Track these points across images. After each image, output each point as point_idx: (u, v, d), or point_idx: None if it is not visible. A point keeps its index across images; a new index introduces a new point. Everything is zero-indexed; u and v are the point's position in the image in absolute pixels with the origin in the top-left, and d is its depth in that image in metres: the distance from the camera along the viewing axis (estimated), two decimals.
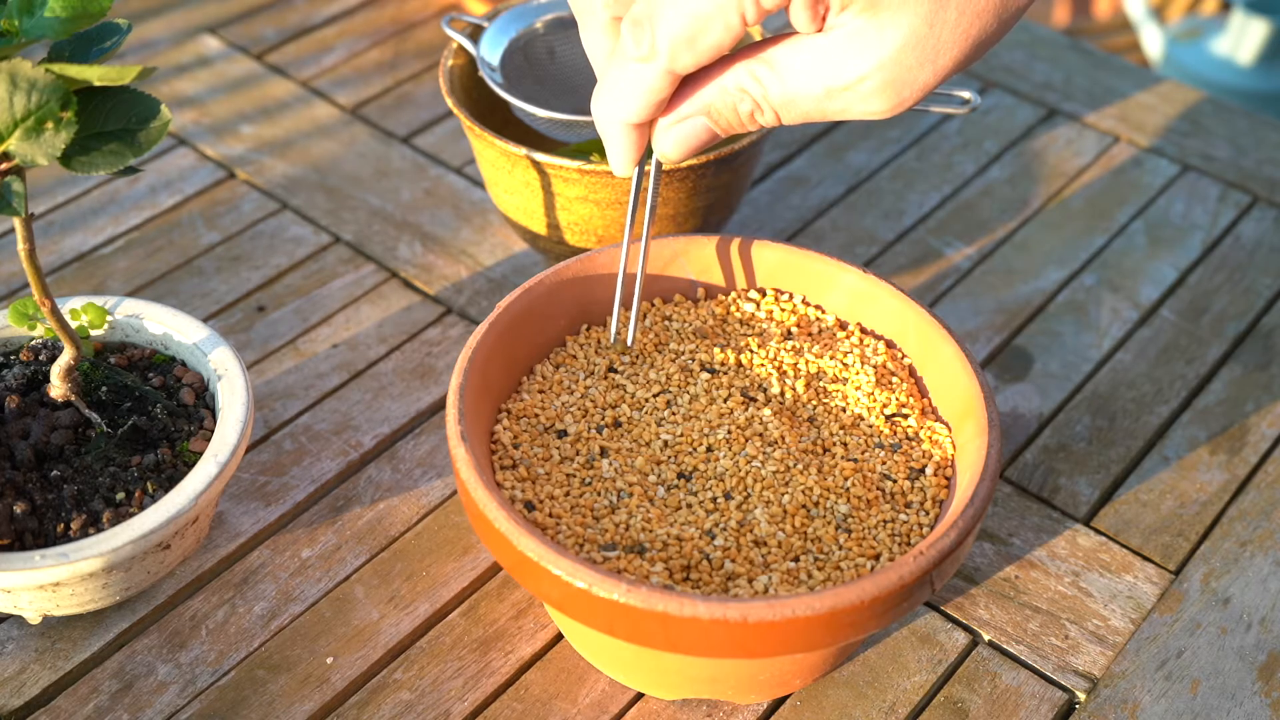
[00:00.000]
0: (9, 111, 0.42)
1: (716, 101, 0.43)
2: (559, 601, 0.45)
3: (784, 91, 0.42)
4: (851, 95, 0.41)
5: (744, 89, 0.42)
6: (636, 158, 0.46)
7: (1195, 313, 0.69)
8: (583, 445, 0.51)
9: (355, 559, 0.56)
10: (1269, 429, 0.63)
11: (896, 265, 0.72)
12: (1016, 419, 0.63)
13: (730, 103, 0.43)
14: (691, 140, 0.45)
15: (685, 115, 0.44)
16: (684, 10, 0.40)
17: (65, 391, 0.53)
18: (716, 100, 0.43)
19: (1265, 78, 1.72)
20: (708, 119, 0.44)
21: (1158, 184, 0.78)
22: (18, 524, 0.49)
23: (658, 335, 0.55)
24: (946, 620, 0.55)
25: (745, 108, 0.43)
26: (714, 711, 0.51)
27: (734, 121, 0.44)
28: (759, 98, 0.42)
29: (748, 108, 0.43)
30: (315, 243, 0.72)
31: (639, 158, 0.46)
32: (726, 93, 0.43)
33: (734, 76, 0.42)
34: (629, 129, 0.45)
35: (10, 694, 0.51)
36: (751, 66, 0.42)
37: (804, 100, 0.42)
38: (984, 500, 0.46)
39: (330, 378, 0.64)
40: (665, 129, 0.44)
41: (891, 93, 0.40)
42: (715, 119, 0.44)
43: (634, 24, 0.41)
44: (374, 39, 0.87)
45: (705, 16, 0.40)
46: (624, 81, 0.43)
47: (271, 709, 0.51)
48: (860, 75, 0.40)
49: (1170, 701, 0.52)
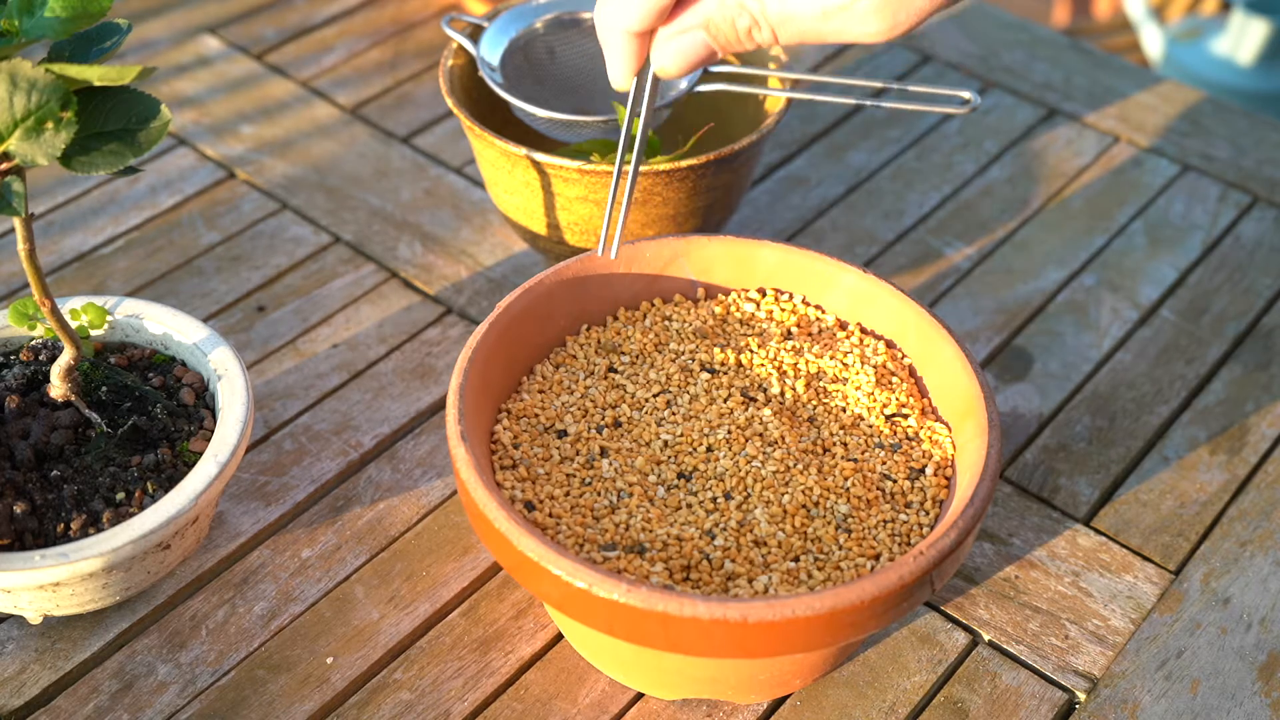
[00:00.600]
0: (9, 111, 0.42)
1: (715, 15, 0.43)
2: (559, 601, 0.45)
3: (780, 8, 0.42)
4: (848, 15, 0.41)
5: (742, 4, 0.43)
6: (635, 68, 0.46)
7: (1195, 313, 0.69)
8: (583, 445, 0.51)
9: (355, 559, 0.56)
10: (1269, 429, 0.63)
11: (896, 265, 0.72)
12: (1016, 419, 0.63)
13: (729, 16, 0.43)
14: (690, 54, 0.45)
15: (685, 27, 0.44)
16: None
17: (65, 391, 0.53)
18: (715, 13, 0.43)
19: (1265, 78, 1.72)
20: (706, 33, 0.44)
21: (1158, 184, 0.78)
22: (18, 524, 0.49)
23: (658, 335, 0.55)
24: (946, 620, 0.55)
25: (743, 23, 0.43)
26: (714, 711, 0.51)
27: (731, 37, 0.44)
28: (757, 13, 0.43)
29: (745, 23, 0.43)
30: (315, 243, 0.72)
31: (638, 68, 0.46)
32: (725, 6, 0.43)
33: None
34: (629, 37, 0.45)
35: (10, 694, 0.51)
36: None
37: (800, 18, 0.42)
38: (984, 500, 0.46)
39: (330, 378, 0.64)
40: (665, 40, 0.45)
41: (887, 13, 0.41)
42: (714, 33, 0.44)
43: None
44: (374, 39, 0.87)
45: None
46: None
47: (271, 709, 0.51)
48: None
49: (1170, 701, 0.52)
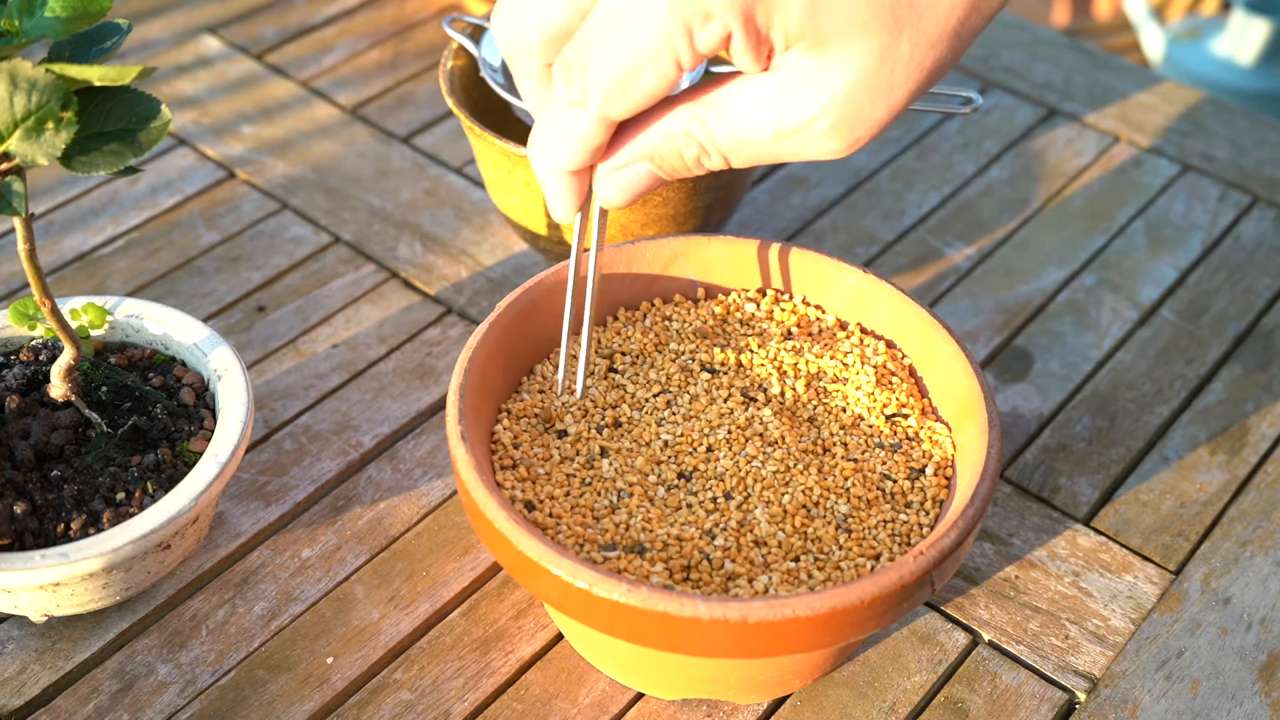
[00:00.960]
0: (9, 111, 0.42)
1: (660, 146, 0.41)
2: (559, 601, 0.45)
3: (731, 135, 0.39)
4: (803, 137, 0.39)
5: (688, 133, 0.40)
6: (578, 205, 0.44)
7: (1195, 313, 0.69)
8: (583, 445, 0.51)
9: (355, 559, 0.56)
10: (1269, 429, 0.63)
11: (896, 265, 0.72)
12: (1016, 419, 0.63)
13: (674, 148, 0.40)
14: (635, 186, 0.42)
15: (627, 161, 0.41)
16: (616, 55, 0.37)
17: (65, 391, 0.53)
18: (660, 145, 0.41)
19: (1266, 78, 1.72)
20: (651, 164, 0.41)
21: (1158, 184, 0.78)
22: (18, 524, 0.49)
23: (658, 335, 0.55)
24: (946, 620, 0.55)
25: (691, 152, 0.40)
26: (714, 711, 0.51)
27: (679, 166, 0.41)
28: (705, 141, 0.40)
29: (693, 152, 0.40)
30: (315, 243, 0.72)
31: (580, 204, 0.44)
32: (670, 137, 0.40)
33: (677, 120, 0.40)
34: (567, 176, 0.43)
35: (10, 694, 0.51)
36: (695, 110, 0.40)
37: (752, 144, 0.39)
38: (984, 500, 0.46)
39: (330, 378, 0.64)
40: (606, 175, 0.42)
41: (845, 131, 0.38)
42: (659, 164, 0.41)
43: (565, 68, 0.39)
44: (374, 39, 0.87)
45: (638, 62, 0.37)
46: (558, 128, 0.41)
47: (271, 709, 0.51)
48: (811, 116, 0.38)
49: (1170, 701, 0.52)
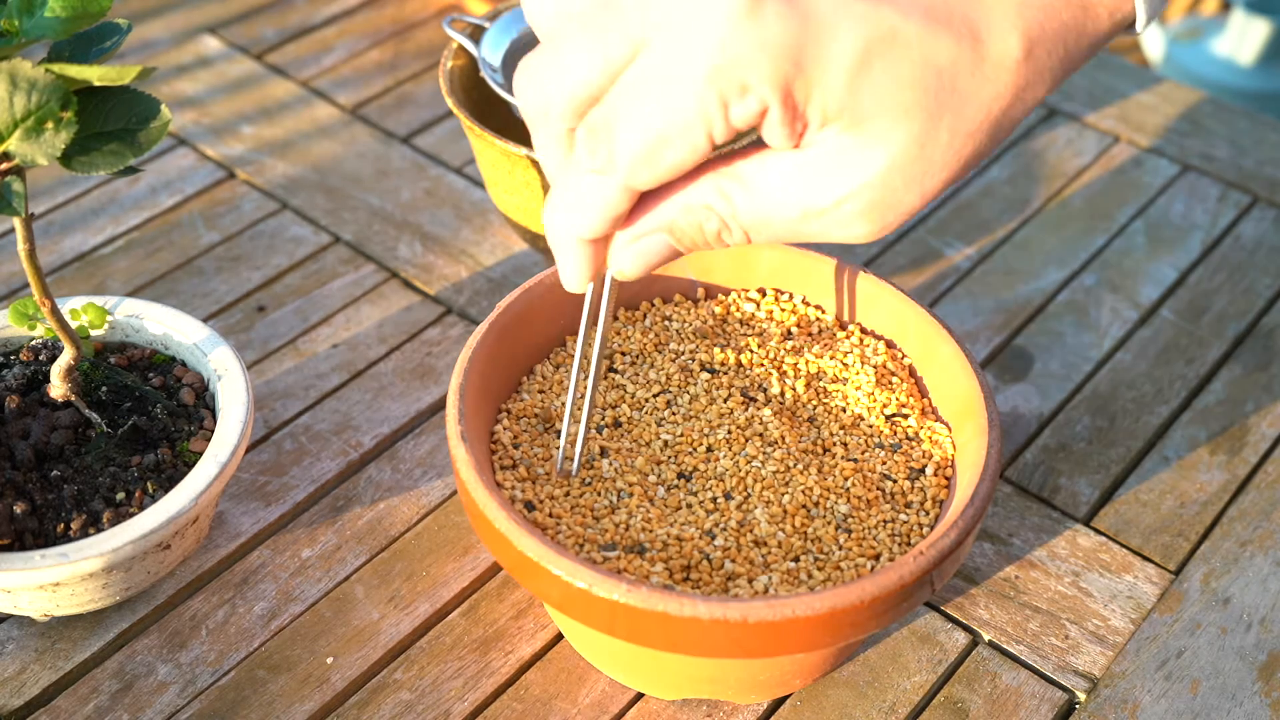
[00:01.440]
0: (9, 111, 0.42)
1: (680, 219, 0.39)
2: (559, 601, 0.45)
3: (755, 211, 0.38)
4: (830, 218, 0.37)
5: (711, 207, 0.38)
6: (591, 274, 0.41)
7: (1195, 313, 0.69)
8: (583, 445, 0.51)
9: (355, 559, 0.56)
10: (1269, 429, 0.63)
11: (896, 265, 0.72)
12: (1016, 419, 0.63)
13: (695, 221, 0.39)
14: (651, 258, 0.40)
15: (645, 232, 0.39)
16: (646, 124, 0.35)
17: (65, 391, 0.53)
18: (680, 218, 0.39)
19: (1266, 78, 1.72)
20: (669, 236, 0.39)
21: (1158, 184, 0.78)
22: (18, 524, 0.49)
23: (658, 335, 0.55)
24: (946, 620, 0.55)
25: (712, 227, 0.39)
26: (714, 711, 0.51)
27: (698, 240, 0.39)
28: (727, 216, 0.38)
29: (714, 227, 0.39)
30: (315, 243, 0.72)
31: (594, 274, 0.41)
32: (691, 210, 0.38)
33: (700, 193, 0.38)
34: (583, 244, 0.40)
35: (10, 694, 0.51)
36: (720, 182, 0.38)
37: (777, 221, 0.38)
38: (984, 500, 0.46)
39: (330, 378, 0.64)
40: (623, 246, 0.40)
41: (875, 216, 0.37)
42: (678, 237, 0.39)
43: (591, 133, 0.36)
44: (374, 39, 0.87)
45: (668, 133, 0.35)
46: (578, 194, 0.38)
47: (271, 709, 0.51)
48: (841, 198, 0.37)
49: (1170, 701, 0.52)
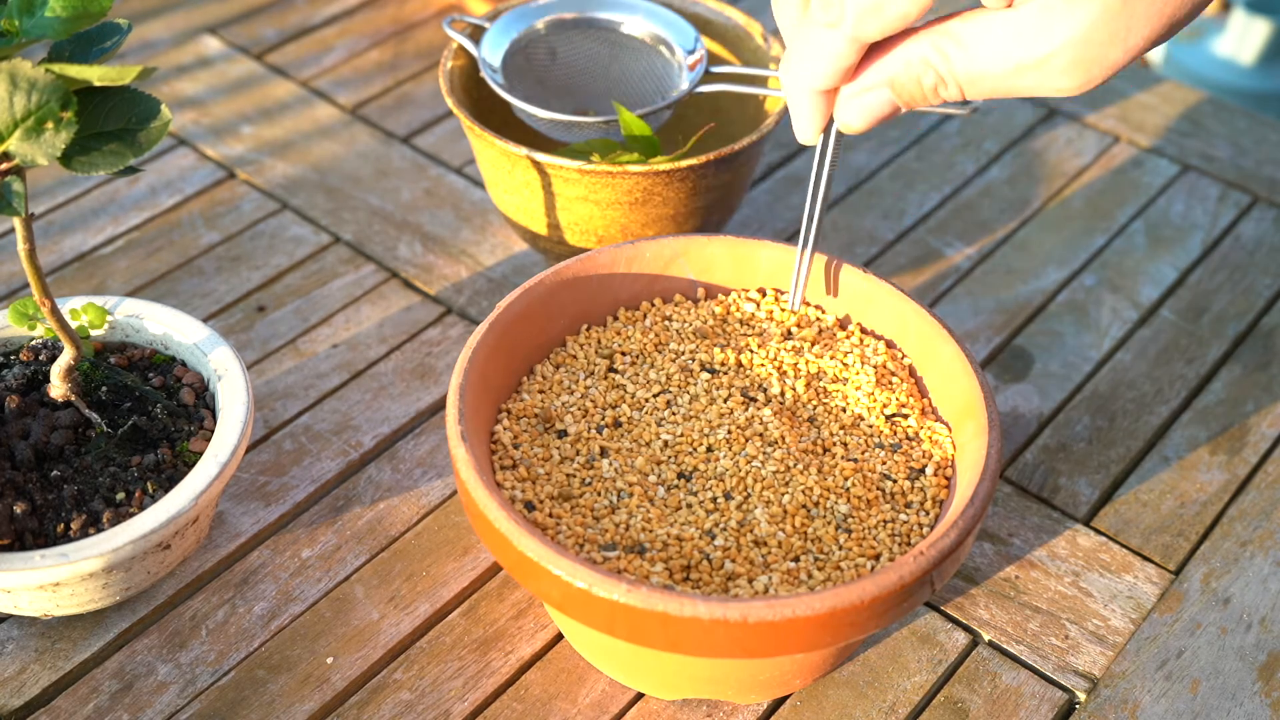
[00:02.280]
0: (9, 111, 0.42)
1: (900, 73, 0.43)
2: (559, 601, 0.45)
3: (969, 66, 0.41)
4: (1040, 72, 0.40)
5: (928, 61, 0.42)
6: (822, 124, 0.46)
7: (1195, 313, 0.69)
8: (583, 445, 0.51)
9: (355, 559, 0.56)
10: (1269, 429, 0.63)
11: (896, 265, 0.72)
12: (1016, 419, 0.63)
13: (914, 75, 0.42)
14: (874, 111, 0.44)
15: (869, 85, 0.44)
16: None
17: (65, 391, 0.53)
18: (901, 72, 0.43)
19: (1267, 78, 1.72)
20: (891, 91, 0.43)
21: (1158, 184, 0.78)
22: (18, 524, 0.49)
23: (658, 335, 0.55)
24: (946, 620, 0.55)
25: (929, 81, 0.42)
26: (714, 711, 0.51)
27: (917, 95, 0.43)
28: (944, 71, 0.42)
29: (931, 81, 0.42)
30: (315, 243, 0.72)
31: (824, 125, 0.46)
32: (911, 65, 0.42)
33: (918, 48, 0.42)
34: (815, 95, 0.45)
35: (10, 694, 0.51)
36: (936, 39, 0.42)
37: (990, 76, 0.41)
38: (984, 500, 0.46)
39: (330, 378, 0.64)
40: (849, 98, 0.44)
41: (1081, 70, 0.40)
42: (898, 91, 0.43)
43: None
44: (374, 39, 0.87)
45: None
46: (811, 47, 0.43)
47: (271, 709, 0.51)
48: (1050, 51, 0.39)
49: (1170, 701, 0.52)
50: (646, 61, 0.69)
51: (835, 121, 0.46)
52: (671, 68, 0.68)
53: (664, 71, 0.68)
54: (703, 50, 0.67)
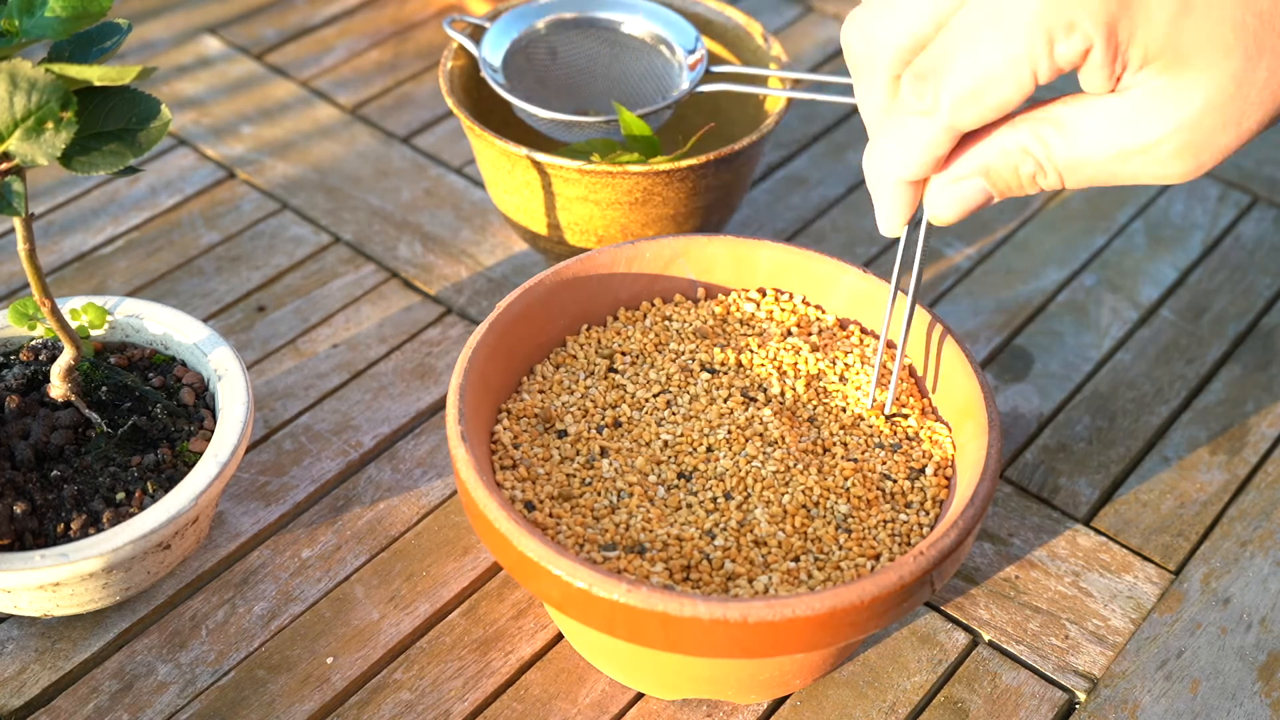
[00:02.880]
0: (9, 111, 0.42)
1: (997, 162, 0.41)
2: (559, 601, 0.45)
3: (1071, 153, 0.39)
4: (1146, 159, 0.38)
5: (1027, 149, 0.40)
6: (908, 217, 0.44)
7: (1195, 313, 0.69)
8: (583, 445, 0.51)
9: (355, 559, 0.56)
10: (1269, 429, 0.63)
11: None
12: (1016, 419, 0.63)
13: (1011, 163, 0.40)
14: (968, 202, 0.42)
15: (961, 175, 0.41)
16: (973, 64, 0.38)
17: (65, 391, 0.53)
18: (997, 160, 0.41)
19: None
20: (985, 180, 0.41)
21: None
22: (18, 524, 0.49)
23: (658, 335, 0.55)
24: (946, 620, 0.55)
25: (1027, 169, 0.40)
26: (714, 711, 0.51)
27: (1013, 184, 0.41)
28: (1042, 159, 0.40)
29: (1029, 169, 0.40)
30: (315, 243, 0.72)
31: (910, 217, 0.44)
32: (1008, 153, 0.40)
33: (1016, 136, 0.40)
34: (902, 186, 0.43)
35: (10, 694, 0.51)
36: (1036, 126, 0.40)
37: (1092, 163, 0.39)
38: (984, 500, 0.46)
39: (330, 378, 0.64)
40: (940, 188, 0.42)
41: (1190, 156, 0.38)
42: (993, 180, 0.41)
43: (917, 77, 0.39)
44: (374, 39, 0.87)
45: (994, 72, 0.37)
46: (901, 136, 0.41)
47: (271, 709, 0.51)
48: (1157, 138, 0.38)
49: (1170, 701, 0.52)
50: (647, 61, 0.69)
51: (924, 213, 0.43)
52: (672, 67, 0.68)
53: (664, 71, 0.68)
54: (703, 50, 0.67)
